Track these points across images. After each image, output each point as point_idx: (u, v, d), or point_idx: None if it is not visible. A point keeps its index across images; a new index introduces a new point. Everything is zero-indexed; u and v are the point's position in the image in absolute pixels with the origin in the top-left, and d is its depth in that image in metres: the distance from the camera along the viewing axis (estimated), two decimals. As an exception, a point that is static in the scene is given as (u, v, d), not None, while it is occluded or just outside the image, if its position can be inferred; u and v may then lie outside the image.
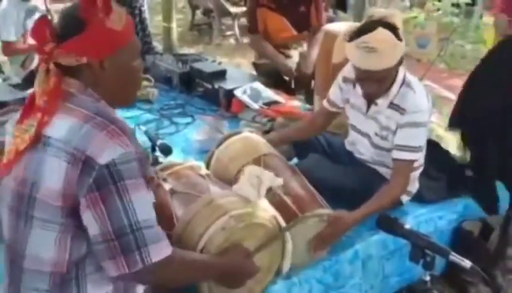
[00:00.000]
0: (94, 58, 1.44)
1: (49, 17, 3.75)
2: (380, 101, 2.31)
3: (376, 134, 2.36)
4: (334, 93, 2.53)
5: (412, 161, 2.27)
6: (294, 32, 3.90)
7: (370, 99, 2.35)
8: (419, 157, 2.32)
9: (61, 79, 1.44)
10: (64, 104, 1.43)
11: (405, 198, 2.42)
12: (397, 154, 2.26)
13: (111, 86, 1.49)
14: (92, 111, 1.42)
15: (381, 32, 2.10)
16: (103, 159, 1.35)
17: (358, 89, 2.37)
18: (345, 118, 2.55)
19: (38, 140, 1.41)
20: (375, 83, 2.22)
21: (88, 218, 1.38)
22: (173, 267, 1.48)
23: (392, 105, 2.28)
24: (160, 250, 1.43)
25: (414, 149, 2.24)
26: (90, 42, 1.42)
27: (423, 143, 2.29)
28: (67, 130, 1.38)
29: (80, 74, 1.46)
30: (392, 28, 2.12)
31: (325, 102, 2.59)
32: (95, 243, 1.40)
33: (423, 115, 2.25)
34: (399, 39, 2.13)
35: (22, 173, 1.42)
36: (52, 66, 1.43)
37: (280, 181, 1.94)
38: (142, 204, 1.41)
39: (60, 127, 1.40)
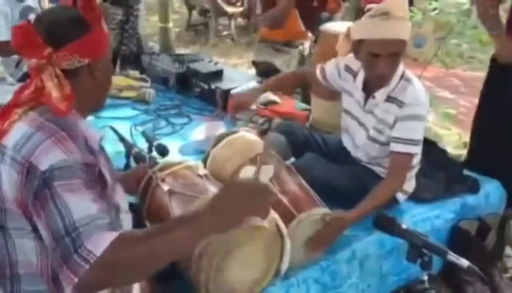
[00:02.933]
0: (95, 59, 1.49)
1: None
2: (377, 94, 2.30)
3: (373, 128, 2.35)
4: (331, 72, 2.53)
5: (411, 155, 2.23)
6: (302, 27, 3.90)
7: (368, 93, 2.34)
8: (417, 152, 2.28)
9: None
10: (27, 112, 1.43)
11: (401, 197, 2.42)
12: (395, 147, 2.23)
13: (96, 88, 1.54)
14: (47, 118, 1.40)
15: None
16: (43, 166, 1.32)
17: (358, 82, 2.38)
18: (341, 106, 2.55)
19: None
20: (390, 60, 2.17)
21: (40, 228, 1.34)
22: (128, 247, 1.25)
23: (389, 99, 2.28)
24: (101, 241, 1.24)
25: (412, 142, 2.22)
26: (93, 43, 1.48)
27: (421, 137, 2.26)
28: (18, 139, 1.37)
29: (75, 78, 1.47)
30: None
31: (318, 72, 2.59)
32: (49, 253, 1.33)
33: (422, 108, 2.24)
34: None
35: None
36: (59, 71, 1.43)
37: (271, 169, 1.94)
38: (78, 204, 1.29)
39: (14, 135, 1.39)
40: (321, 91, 2.94)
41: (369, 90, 2.35)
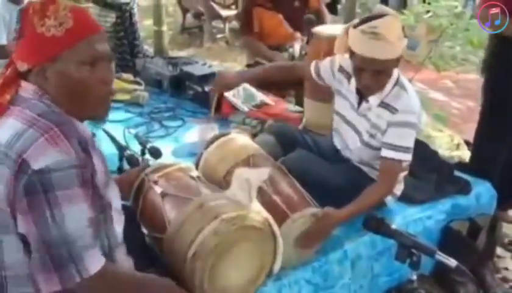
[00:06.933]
0: (32, 64, 1.45)
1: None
2: (371, 99, 2.31)
3: (367, 132, 2.35)
4: (325, 70, 2.53)
5: (401, 161, 2.25)
6: (290, 29, 3.93)
7: (362, 96, 2.35)
8: (409, 159, 2.30)
9: (13, 77, 1.47)
10: (16, 108, 1.42)
11: (389, 199, 2.42)
12: (385, 153, 2.24)
13: (59, 98, 1.45)
14: (39, 113, 1.40)
15: (391, 20, 2.11)
16: (37, 164, 1.31)
17: (352, 84, 2.37)
18: (332, 107, 2.55)
19: None
20: (374, 76, 2.19)
21: (22, 226, 1.35)
22: (106, 280, 1.44)
23: (382, 104, 2.29)
24: (96, 262, 1.40)
25: (403, 149, 2.23)
26: (25, 48, 1.46)
27: (412, 144, 2.28)
28: (11, 135, 1.37)
29: (28, 80, 1.47)
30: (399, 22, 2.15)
31: (312, 68, 2.59)
32: (32, 251, 1.37)
33: (414, 116, 2.26)
34: (404, 35, 2.15)
35: None
36: (12, 71, 1.47)
37: (266, 172, 1.96)
38: (74, 217, 1.36)
39: (6, 131, 1.38)
40: (314, 93, 2.95)
41: (362, 93, 2.35)
